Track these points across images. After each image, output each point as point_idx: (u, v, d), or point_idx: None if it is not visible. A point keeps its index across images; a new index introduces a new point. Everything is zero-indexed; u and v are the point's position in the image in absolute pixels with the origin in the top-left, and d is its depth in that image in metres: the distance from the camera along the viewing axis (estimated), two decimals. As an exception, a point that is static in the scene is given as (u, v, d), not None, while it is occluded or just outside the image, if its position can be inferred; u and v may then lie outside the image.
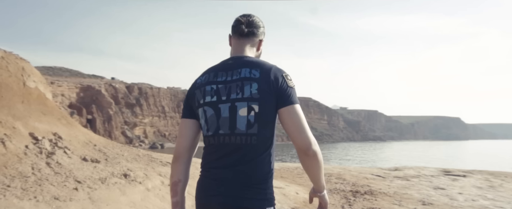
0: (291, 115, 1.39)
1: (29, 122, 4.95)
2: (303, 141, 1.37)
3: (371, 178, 10.96)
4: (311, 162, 1.40)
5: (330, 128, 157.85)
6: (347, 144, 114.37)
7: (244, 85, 1.41)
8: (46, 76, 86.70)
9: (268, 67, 1.45)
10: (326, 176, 10.78)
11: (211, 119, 1.45)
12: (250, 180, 1.39)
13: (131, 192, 4.61)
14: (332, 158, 43.80)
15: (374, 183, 9.93)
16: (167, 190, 5.30)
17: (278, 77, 1.42)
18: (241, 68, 1.45)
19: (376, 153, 57.56)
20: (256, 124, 1.40)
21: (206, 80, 1.50)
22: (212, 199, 1.41)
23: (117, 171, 5.03)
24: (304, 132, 1.38)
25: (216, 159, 1.44)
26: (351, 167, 14.07)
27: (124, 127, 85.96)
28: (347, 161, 35.07)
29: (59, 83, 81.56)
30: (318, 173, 1.46)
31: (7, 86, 4.95)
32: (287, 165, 13.79)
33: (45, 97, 5.83)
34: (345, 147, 79.60)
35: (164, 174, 5.89)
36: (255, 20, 1.59)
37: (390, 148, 77.90)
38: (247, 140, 1.40)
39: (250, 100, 1.40)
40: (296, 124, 1.38)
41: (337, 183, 9.55)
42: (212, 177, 1.43)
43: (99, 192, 4.13)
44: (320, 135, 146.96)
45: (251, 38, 1.57)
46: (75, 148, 5.13)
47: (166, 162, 6.92)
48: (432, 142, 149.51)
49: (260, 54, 1.65)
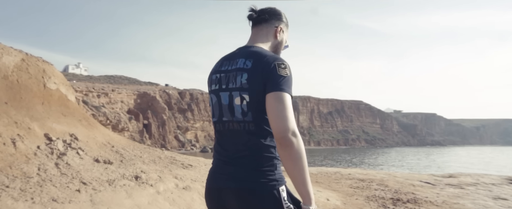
0: (273, 101, 1.35)
1: (47, 123, 5.03)
2: (278, 128, 1.31)
3: (418, 185, 9.98)
4: (284, 153, 1.31)
5: (383, 132, 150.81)
6: (402, 148, 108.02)
7: (237, 76, 1.45)
8: (108, 84, 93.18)
9: (262, 56, 1.44)
10: (366, 182, 10.00)
11: (215, 106, 1.52)
12: (258, 164, 1.39)
13: (138, 194, 4.44)
14: (383, 163, 41.42)
15: (421, 190, 8.99)
16: (180, 193, 5.09)
17: (268, 65, 1.40)
18: (239, 58, 1.49)
19: (433, 158, 53.54)
20: (249, 112, 1.41)
21: (214, 69, 1.57)
22: (222, 183, 1.44)
23: (129, 173, 4.92)
24: (283, 119, 1.31)
25: (223, 145, 1.49)
26: (398, 173, 13.02)
27: (177, 131, 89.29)
28: (400, 167, 32.91)
29: (119, 91, 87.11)
30: (295, 170, 1.32)
31: (26, 87, 5.09)
32: (325, 169, 13.12)
33: (66, 99, 5.95)
34: (399, 152, 75.20)
35: (181, 176, 5.71)
36: (270, 8, 1.62)
37: (450, 153, 72.11)
38: (246, 127, 1.43)
39: (241, 90, 1.43)
40: (276, 110, 1.33)
41: (377, 189, 8.78)
42: (221, 163, 1.48)
43: (102, 194, 4.01)
44: (373, 139, 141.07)
45: (264, 26, 1.59)
46: (90, 149, 5.12)
47: (188, 164, 6.75)
48: (502, 148, 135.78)
49: (279, 42, 1.63)
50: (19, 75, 5.10)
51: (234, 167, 1.43)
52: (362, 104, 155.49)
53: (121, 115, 79.49)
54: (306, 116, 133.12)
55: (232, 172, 1.43)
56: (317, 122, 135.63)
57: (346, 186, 9.31)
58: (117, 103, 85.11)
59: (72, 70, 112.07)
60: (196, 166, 6.76)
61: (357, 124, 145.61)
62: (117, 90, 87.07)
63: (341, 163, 40.20)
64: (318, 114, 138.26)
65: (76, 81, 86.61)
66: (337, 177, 10.91)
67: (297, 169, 1.32)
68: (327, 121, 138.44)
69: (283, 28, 1.63)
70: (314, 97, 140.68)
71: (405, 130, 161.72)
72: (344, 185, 9.35)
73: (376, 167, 34.23)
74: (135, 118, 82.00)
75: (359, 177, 10.97)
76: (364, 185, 9.47)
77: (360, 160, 47.09)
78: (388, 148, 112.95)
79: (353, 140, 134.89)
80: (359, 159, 48.43)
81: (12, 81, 4.94)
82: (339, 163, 40.23)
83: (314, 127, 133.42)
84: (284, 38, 1.65)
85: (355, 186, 9.29)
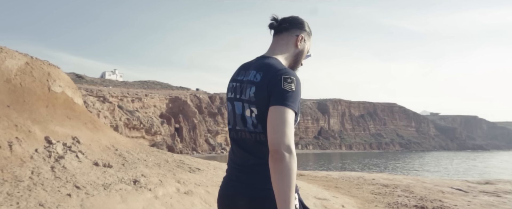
0: (274, 115, 1.34)
1: (49, 126, 5.04)
2: (273, 140, 1.30)
3: (448, 192, 9.30)
4: (274, 166, 1.28)
5: (419, 136, 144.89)
6: (439, 153, 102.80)
7: (247, 88, 1.47)
8: (141, 89, 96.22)
9: (272, 70, 1.44)
10: (390, 188, 9.44)
11: (230, 114, 1.55)
12: (268, 172, 1.34)
13: (133, 199, 4.31)
14: (417, 167, 39.47)
15: (450, 198, 8.34)
16: (180, 198, 4.92)
17: (275, 78, 1.39)
18: (252, 70, 1.50)
19: (474, 163, 50.33)
20: (259, 124, 1.43)
21: (232, 77, 1.60)
22: (237, 192, 1.45)
23: (128, 176, 4.81)
24: (279, 133, 1.30)
25: (236, 152, 1.52)
26: (427, 178, 12.25)
27: (207, 135, 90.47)
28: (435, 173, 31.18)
29: (152, 96, 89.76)
30: (281, 185, 1.27)
31: (30, 91, 5.14)
32: (348, 174, 12.57)
33: (72, 102, 5.97)
34: (435, 156, 71.58)
35: (185, 180, 5.55)
36: (292, 17, 1.61)
37: (494, 159, 67.60)
38: (257, 137, 1.44)
39: (249, 103, 1.45)
40: (275, 124, 1.33)
41: (401, 196, 8.22)
42: (235, 173, 1.50)
43: (94, 199, 3.90)
44: (407, 142, 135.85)
45: (285, 35, 1.58)
46: (91, 152, 5.08)
47: (196, 168, 6.59)
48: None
49: (300, 51, 1.60)
50: (23, 79, 5.17)
51: (247, 174, 1.46)
52: (396, 107, 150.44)
53: (154, 119, 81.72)
54: (337, 119, 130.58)
55: (244, 180, 1.46)
56: (349, 125, 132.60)
57: (367, 191, 8.81)
58: (150, 108, 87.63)
59: (109, 77, 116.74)
60: (204, 170, 6.59)
61: (391, 127, 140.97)
62: (150, 95, 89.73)
63: (370, 167, 38.81)
64: (350, 116, 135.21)
65: (112, 87, 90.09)
66: (360, 182, 10.38)
67: (283, 184, 1.27)
68: (359, 124, 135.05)
69: (305, 37, 1.61)
70: (345, 100, 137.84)
71: (443, 133, 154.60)
72: (365, 191, 8.85)
73: (409, 171, 32.67)
74: (167, 122, 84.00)
75: (383, 182, 10.39)
76: (387, 191, 8.92)
77: (393, 164, 45.27)
78: (425, 152, 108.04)
79: (387, 144, 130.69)
80: (392, 164, 46.59)
81: (15, 85, 5.01)
82: (369, 167, 38.85)
83: (346, 130, 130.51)
84: (305, 48, 1.62)
85: (377, 192, 8.77)
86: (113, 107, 73.47)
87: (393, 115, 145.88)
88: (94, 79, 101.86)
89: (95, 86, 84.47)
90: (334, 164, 46.32)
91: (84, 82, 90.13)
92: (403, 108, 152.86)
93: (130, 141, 6.63)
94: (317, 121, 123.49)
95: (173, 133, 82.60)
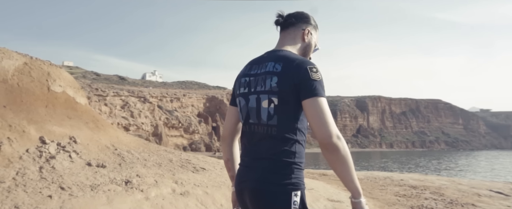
0: (312, 107, 1.38)
1: (47, 126, 5.05)
2: (323, 134, 1.35)
3: (486, 195, 8.41)
4: (332, 157, 1.36)
5: (467, 134, 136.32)
6: (489, 152, 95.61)
7: (266, 79, 1.47)
8: (180, 89, 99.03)
9: (292, 60, 1.46)
10: (418, 189, 8.70)
11: (244, 108, 1.56)
12: (275, 167, 1.43)
13: (120, 201, 4.16)
14: (464, 167, 36.85)
15: (487, 202, 7.51)
16: (173, 199, 4.72)
17: (300, 69, 1.42)
18: (268, 62, 1.51)
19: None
20: (275, 115, 1.45)
21: (243, 72, 1.61)
22: (243, 184, 1.52)
23: (121, 177, 4.68)
24: (325, 124, 1.36)
25: (248, 147, 1.56)
26: (464, 180, 11.23)
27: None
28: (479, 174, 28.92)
29: (190, 95, 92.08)
30: (344, 171, 1.39)
31: (28, 91, 5.18)
32: (375, 174, 11.81)
33: (74, 102, 5.98)
34: (484, 156, 66.65)
35: (183, 181, 5.35)
36: (297, 12, 1.65)
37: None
38: (269, 130, 1.46)
39: (270, 93, 1.45)
40: (317, 116, 1.37)
41: (428, 199, 7.52)
42: (244, 164, 1.56)
43: (76, 201, 3.79)
44: (454, 141, 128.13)
45: (291, 29, 1.62)
46: (87, 152, 5.02)
47: (200, 168, 6.40)
48: None
49: (308, 44, 1.64)
50: (20, 79, 5.23)
51: (254, 168, 1.49)
52: (440, 103, 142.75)
53: (191, 118, 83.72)
54: (376, 116, 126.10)
55: (251, 173, 1.49)
56: (389, 123, 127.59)
57: (391, 193, 8.16)
58: (188, 107, 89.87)
59: (149, 78, 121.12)
60: (209, 170, 6.37)
61: (435, 124, 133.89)
62: (188, 95, 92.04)
63: (411, 167, 36.84)
64: (390, 114, 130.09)
65: (152, 88, 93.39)
66: (386, 183, 9.70)
67: (345, 170, 1.37)
68: (400, 122, 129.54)
69: (311, 31, 1.64)
70: (385, 97, 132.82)
71: (495, 131, 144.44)
72: (389, 193, 8.21)
73: (452, 172, 30.58)
74: (204, 121, 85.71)
75: (411, 183, 9.62)
76: (414, 193, 8.22)
77: (436, 164, 42.72)
78: (474, 151, 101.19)
79: (431, 142, 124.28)
80: (435, 163, 43.98)
81: (12, 85, 5.08)
82: (409, 167, 36.88)
83: (386, 128, 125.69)
84: (312, 41, 1.65)
85: (402, 193, 8.10)
86: (153, 107, 76.16)
87: (437, 111, 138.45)
88: (135, 81, 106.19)
89: (136, 87, 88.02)
90: (371, 163, 44.46)
91: (126, 84, 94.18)
92: (449, 104, 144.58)
93: (135, 140, 6.56)
94: (356, 119, 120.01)
95: (211, 132, 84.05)
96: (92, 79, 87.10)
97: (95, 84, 71.92)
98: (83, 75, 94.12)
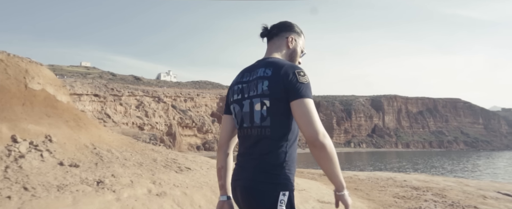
0: (300, 108, 1.47)
1: (21, 124, 4.97)
2: (310, 132, 1.43)
3: (492, 197, 7.96)
4: (319, 154, 1.43)
5: (488, 133, 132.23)
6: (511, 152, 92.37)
7: (258, 84, 1.57)
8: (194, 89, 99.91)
9: (280, 65, 1.57)
10: (420, 191, 8.31)
11: (238, 114, 1.64)
12: (265, 166, 1.52)
13: (87, 202, 4.01)
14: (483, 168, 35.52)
15: (491, 204, 7.09)
16: (147, 200, 4.55)
17: (288, 73, 1.52)
18: (259, 68, 1.62)
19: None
20: (268, 117, 1.54)
21: (235, 80, 1.72)
22: (236, 183, 1.62)
23: (94, 177, 4.54)
24: (312, 124, 1.44)
25: (242, 149, 1.65)
26: (472, 181, 10.70)
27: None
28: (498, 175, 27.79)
29: (203, 95, 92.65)
30: (329, 167, 1.47)
31: (3, 88, 5.10)
32: (378, 174, 11.41)
33: (55, 100, 5.88)
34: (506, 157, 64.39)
35: (162, 181, 5.18)
36: (280, 22, 1.77)
37: None
38: (262, 132, 1.55)
39: (262, 96, 1.55)
40: (304, 116, 1.45)
41: (428, 200, 7.15)
42: (239, 164, 1.65)
43: (38, 202, 3.65)
44: (474, 141, 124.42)
45: (275, 39, 1.74)
46: (62, 151, 4.90)
47: (185, 168, 6.22)
48: None
49: (293, 50, 1.74)
50: (-5, 76, 5.18)
51: (246, 167, 1.58)
52: (459, 102, 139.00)
53: (205, 118, 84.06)
54: (392, 116, 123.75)
55: (243, 172, 1.58)
56: (405, 122, 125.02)
57: (390, 195, 7.81)
58: (202, 106, 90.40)
59: (164, 78, 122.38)
60: (194, 170, 6.19)
61: (454, 124, 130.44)
62: (201, 94, 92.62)
63: (426, 167, 35.83)
64: (406, 113, 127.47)
65: (166, 87, 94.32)
66: (387, 184, 9.32)
67: (331, 166, 1.45)
68: (417, 121, 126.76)
69: (295, 38, 1.74)
70: (401, 96, 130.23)
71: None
72: (387, 194, 7.86)
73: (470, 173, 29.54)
74: (218, 121, 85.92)
75: (414, 184, 9.22)
76: (415, 194, 7.84)
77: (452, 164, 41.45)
78: (496, 152, 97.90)
79: (449, 142, 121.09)
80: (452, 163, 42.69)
81: (-15, 83, 5.03)
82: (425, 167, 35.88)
83: (402, 127, 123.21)
84: (297, 47, 1.75)
85: (401, 195, 7.74)
86: (167, 107, 76.86)
87: (456, 111, 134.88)
88: (150, 81, 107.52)
89: (151, 87, 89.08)
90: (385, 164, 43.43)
91: (141, 84, 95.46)
92: (469, 103, 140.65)
93: (119, 139, 6.43)
94: (371, 118, 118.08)
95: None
96: (108, 79, 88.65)
97: (111, 84, 73.06)
98: (100, 75, 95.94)
